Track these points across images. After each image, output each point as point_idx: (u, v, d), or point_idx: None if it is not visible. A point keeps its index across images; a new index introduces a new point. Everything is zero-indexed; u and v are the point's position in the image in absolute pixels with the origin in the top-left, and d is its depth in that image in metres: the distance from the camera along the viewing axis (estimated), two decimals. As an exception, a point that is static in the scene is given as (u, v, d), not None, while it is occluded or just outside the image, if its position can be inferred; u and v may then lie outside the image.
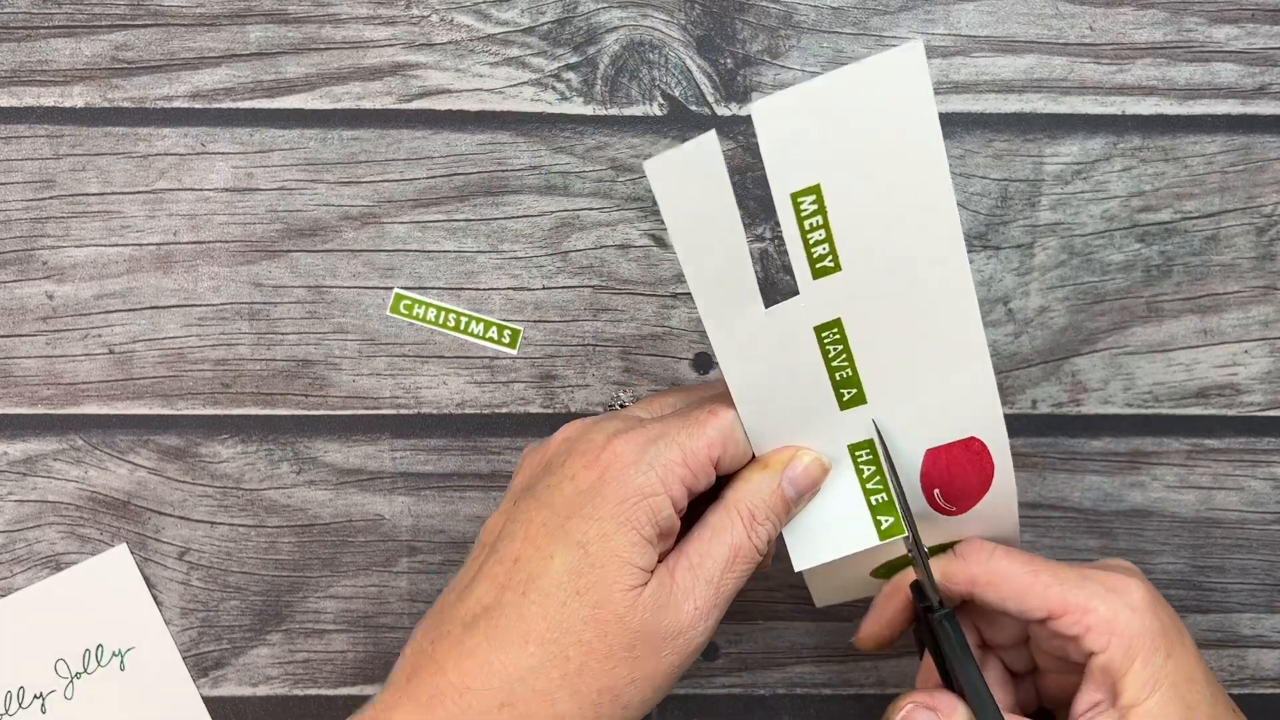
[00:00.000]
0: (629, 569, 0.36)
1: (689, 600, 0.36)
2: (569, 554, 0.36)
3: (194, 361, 0.49)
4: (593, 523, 0.36)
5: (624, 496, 0.36)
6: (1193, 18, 0.49)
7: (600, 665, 0.35)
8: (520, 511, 0.38)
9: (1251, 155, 0.49)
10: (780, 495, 0.39)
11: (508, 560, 0.37)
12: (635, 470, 0.36)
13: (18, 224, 0.49)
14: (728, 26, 0.49)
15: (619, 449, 0.37)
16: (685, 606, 0.36)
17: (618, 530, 0.36)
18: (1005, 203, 0.49)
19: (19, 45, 0.49)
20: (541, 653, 0.35)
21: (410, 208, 0.49)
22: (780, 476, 0.39)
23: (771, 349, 0.38)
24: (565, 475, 0.37)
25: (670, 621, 0.36)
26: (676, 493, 0.37)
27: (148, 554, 0.49)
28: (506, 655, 0.35)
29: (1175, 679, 0.37)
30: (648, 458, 0.36)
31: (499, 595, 0.36)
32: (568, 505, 0.36)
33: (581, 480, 0.37)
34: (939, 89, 0.49)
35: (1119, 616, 0.38)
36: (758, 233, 0.49)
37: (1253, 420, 0.49)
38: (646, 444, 0.37)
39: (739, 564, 0.37)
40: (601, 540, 0.36)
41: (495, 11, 0.49)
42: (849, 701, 0.49)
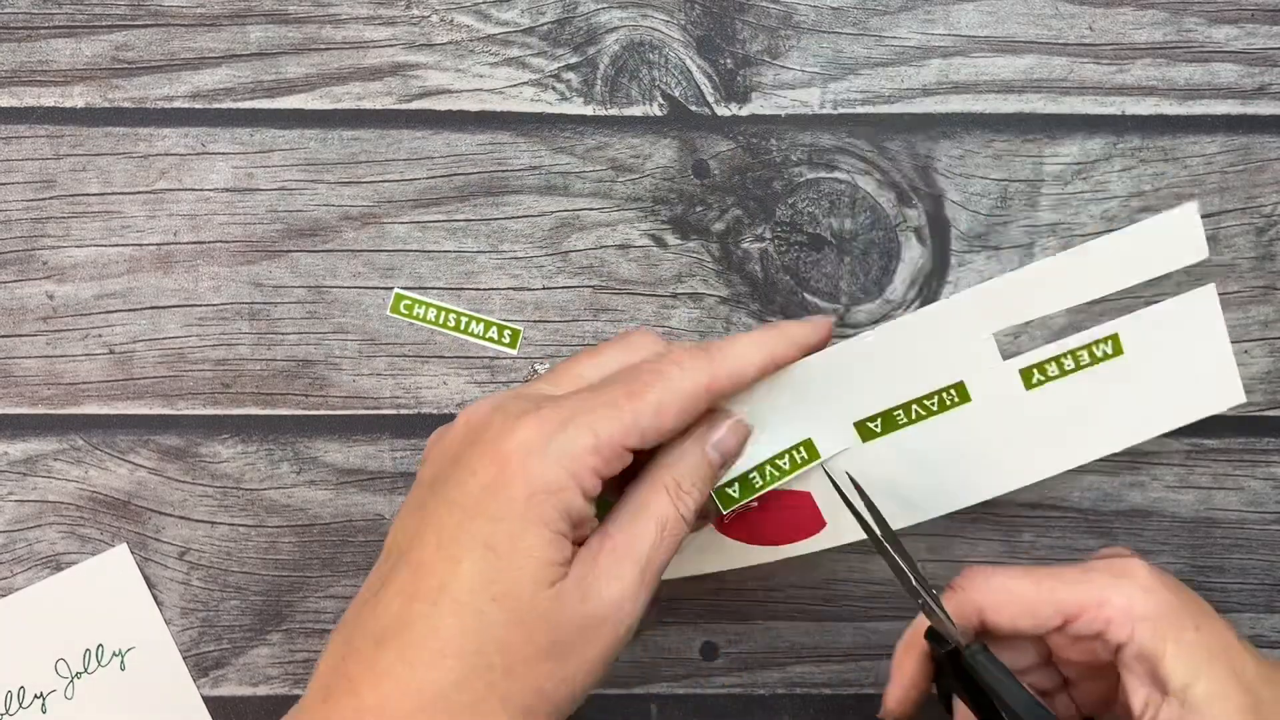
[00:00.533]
0: (544, 567, 0.33)
1: (614, 584, 0.34)
2: (478, 559, 0.33)
3: (194, 361, 0.49)
4: (500, 523, 0.33)
5: (530, 492, 0.33)
6: (1192, 18, 0.49)
7: (527, 669, 0.33)
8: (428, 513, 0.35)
9: (1251, 155, 0.49)
10: (706, 461, 0.37)
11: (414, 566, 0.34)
12: (541, 462, 0.34)
13: (18, 224, 0.49)
14: (728, 27, 0.49)
15: (522, 438, 0.34)
16: (610, 591, 0.34)
17: (526, 529, 0.33)
18: (1005, 203, 0.49)
19: (19, 45, 0.49)
20: (461, 665, 0.33)
21: (410, 208, 0.49)
22: (705, 442, 0.37)
23: None
24: (469, 470, 0.34)
25: (595, 609, 0.34)
26: (588, 483, 0.34)
27: (148, 554, 0.49)
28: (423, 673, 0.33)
29: (1214, 649, 0.36)
30: (554, 447, 0.34)
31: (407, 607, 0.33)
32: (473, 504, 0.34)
33: (484, 475, 0.34)
34: (939, 89, 0.49)
35: (1135, 600, 0.36)
36: (758, 232, 0.49)
37: (1252, 420, 0.49)
38: (554, 430, 0.34)
39: (667, 538, 0.35)
40: (510, 541, 0.33)
41: (495, 12, 0.49)
42: (849, 701, 0.49)
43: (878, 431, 0.40)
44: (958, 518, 0.47)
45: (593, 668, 0.34)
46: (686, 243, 0.49)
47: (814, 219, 0.49)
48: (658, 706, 0.49)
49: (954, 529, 0.49)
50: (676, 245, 0.49)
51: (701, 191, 0.49)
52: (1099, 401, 0.39)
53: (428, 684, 0.33)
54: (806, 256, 0.49)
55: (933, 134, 0.49)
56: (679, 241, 0.49)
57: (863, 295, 0.49)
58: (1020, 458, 0.39)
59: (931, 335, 0.38)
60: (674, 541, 0.36)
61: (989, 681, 0.37)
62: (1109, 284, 0.37)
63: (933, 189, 0.49)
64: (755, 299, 0.49)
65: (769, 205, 0.49)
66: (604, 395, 0.35)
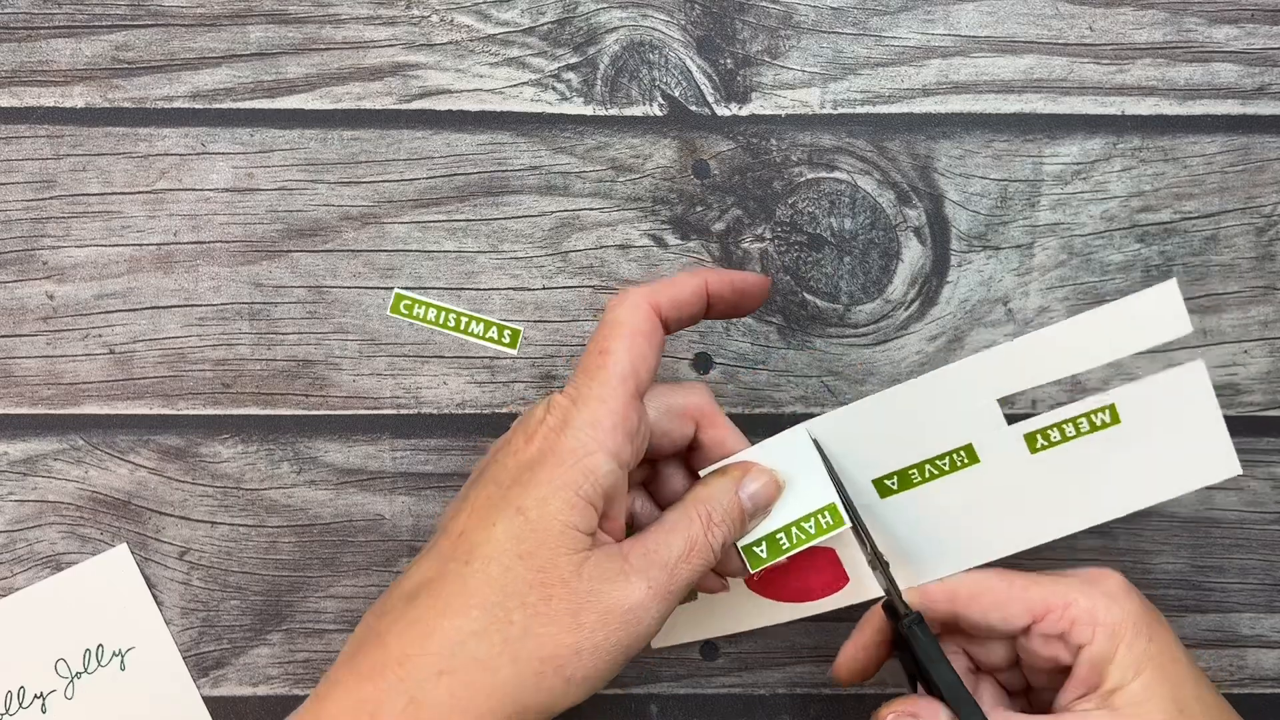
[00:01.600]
0: (569, 532, 0.36)
1: (642, 579, 0.36)
2: (509, 520, 0.36)
3: (194, 361, 0.49)
4: (531, 488, 0.36)
5: (560, 460, 0.36)
6: (1192, 18, 0.49)
7: (544, 630, 0.35)
8: (469, 492, 0.38)
9: (1251, 155, 0.49)
10: (738, 504, 0.40)
11: (453, 535, 0.37)
12: (568, 433, 0.37)
13: (18, 224, 0.49)
14: (728, 27, 0.49)
15: (554, 418, 0.37)
16: (637, 583, 0.36)
17: (555, 493, 0.36)
18: (1005, 203, 0.49)
19: (19, 45, 0.49)
20: (484, 616, 0.35)
21: (410, 208, 0.49)
22: (741, 487, 0.40)
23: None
24: (509, 452, 0.38)
25: (620, 596, 0.36)
26: (614, 444, 0.37)
27: (148, 554, 0.49)
28: (448, 620, 0.35)
29: (1160, 660, 0.38)
30: (577, 419, 0.37)
31: (442, 567, 0.36)
32: (510, 478, 0.37)
33: (522, 454, 0.37)
34: (939, 89, 0.49)
35: (1098, 605, 0.39)
36: (758, 232, 0.49)
37: (1252, 420, 0.50)
38: (575, 407, 0.37)
39: (694, 557, 0.38)
40: (540, 504, 0.36)
41: (495, 12, 0.49)
42: (849, 701, 0.49)
43: (894, 489, 0.42)
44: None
45: (606, 654, 0.36)
46: (687, 243, 0.49)
47: (814, 219, 0.49)
48: (658, 706, 0.49)
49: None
50: (677, 245, 0.49)
51: (701, 191, 0.49)
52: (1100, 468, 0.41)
53: (449, 631, 0.35)
54: (806, 256, 0.49)
55: (933, 134, 0.49)
56: (679, 241, 0.49)
57: (863, 295, 0.49)
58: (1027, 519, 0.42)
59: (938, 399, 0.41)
60: (701, 563, 0.38)
61: (919, 653, 0.39)
62: (1097, 357, 0.39)
63: (933, 189, 0.49)
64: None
65: (769, 205, 0.49)
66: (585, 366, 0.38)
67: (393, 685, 0.34)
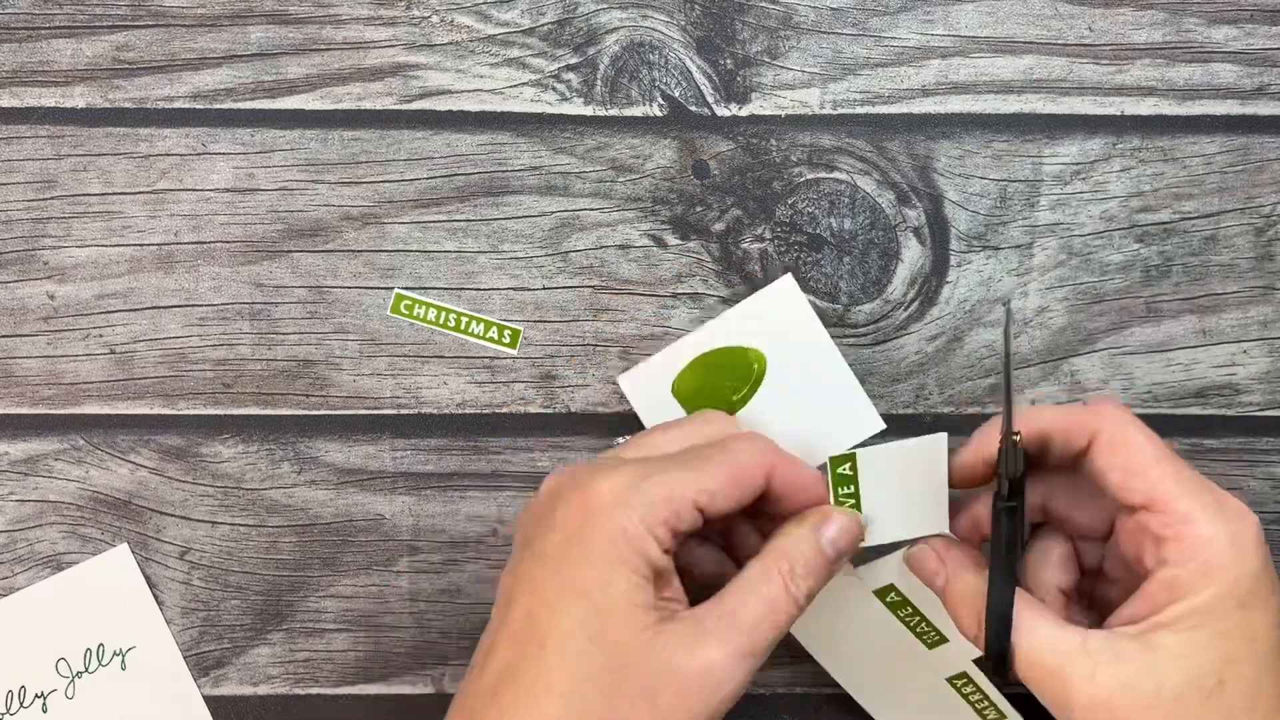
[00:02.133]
0: (635, 610, 0.35)
1: (718, 644, 0.36)
2: (574, 605, 0.36)
3: (195, 361, 0.50)
4: (589, 570, 0.36)
5: (611, 539, 0.36)
6: (1192, 18, 0.50)
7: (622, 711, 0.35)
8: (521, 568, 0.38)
9: (1250, 156, 0.49)
10: (820, 553, 0.39)
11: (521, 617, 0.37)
12: (619, 512, 0.36)
13: (19, 224, 0.49)
14: (727, 27, 0.49)
15: (602, 490, 0.37)
16: (712, 650, 0.36)
17: (613, 574, 0.36)
18: (1004, 203, 0.49)
19: (20, 46, 0.49)
20: (562, 704, 0.35)
21: (411, 208, 0.49)
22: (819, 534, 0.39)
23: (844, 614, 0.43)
24: (554, 525, 0.37)
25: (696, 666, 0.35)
26: (662, 534, 0.36)
27: (149, 554, 0.49)
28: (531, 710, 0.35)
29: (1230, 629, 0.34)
30: (630, 498, 0.36)
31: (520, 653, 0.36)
32: (559, 555, 0.37)
33: (570, 528, 0.37)
34: (938, 89, 0.49)
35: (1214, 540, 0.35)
36: (758, 233, 0.49)
37: (1252, 420, 0.50)
38: (630, 485, 0.37)
39: (775, 616, 0.37)
40: (601, 587, 0.36)
41: (495, 12, 0.49)
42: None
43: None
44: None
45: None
46: (686, 243, 0.49)
47: (814, 219, 0.49)
48: (658, 706, 0.49)
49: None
50: (676, 245, 0.49)
51: (701, 192, 0.49)
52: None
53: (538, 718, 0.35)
54: (806, 256, 0.49)
55: (932, 134, 0.49)
56: (679, 242, 0.49)
57: (862, 295, 0.49)
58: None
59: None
60: (784, 620, 0.37)
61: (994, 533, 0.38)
62: None
63: (932, 189, 0.49)
64: (755, 299, 0.49)
65: (769, 205, 0.49)
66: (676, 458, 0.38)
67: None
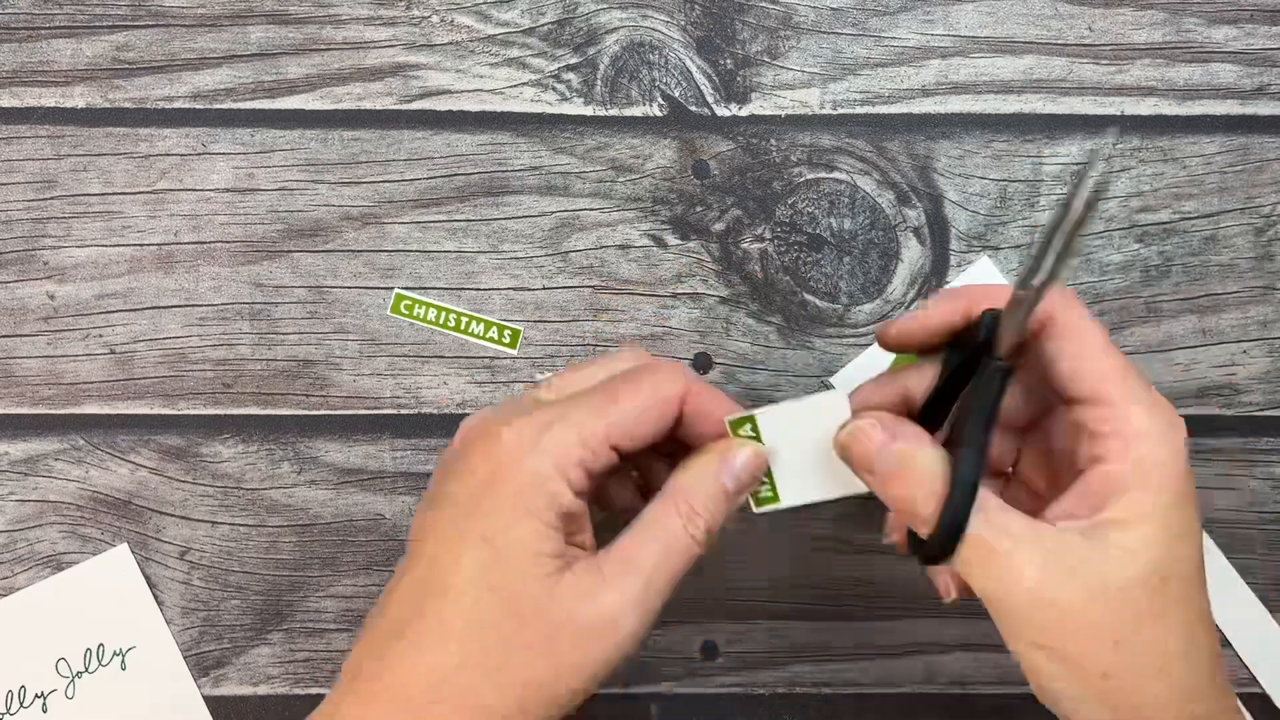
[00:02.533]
0: (536, 558, 0.35)
1: (615, 592, 0.35)
2: (476, 551, 0.35)
3: (195, 361, 0.50)
4: (494, 516, 0.35)
5: (521, 485, 0.35)
6: (1191, 18, 0.50)
7: (522, 658, 0.35)
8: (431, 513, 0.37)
9: (1250, 156, 0.49)
10: (721, 487, 0.37)
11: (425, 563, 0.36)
12: (530, 457, 0.35)
13: (19, 224, 0.49)
14: (727, 27, 0.49)
15: (513, 437, 0.36)
16: (610, 599, 0.35)
17: (519, 521, 0.35)
18: (1004, 203, 0.49)
19: (20, 46, 0.49)
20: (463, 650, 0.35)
21: (411, 208, 0.50)
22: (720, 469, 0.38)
23: None
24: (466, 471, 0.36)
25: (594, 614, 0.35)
26: (574, 475, 0.36)
27: (149, 553, 0.49)
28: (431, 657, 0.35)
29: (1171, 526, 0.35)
30: (542, 443, 0.35)
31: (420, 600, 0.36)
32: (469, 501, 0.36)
33: (480, 474, 0.36)
34: (938, 89, 0.49)
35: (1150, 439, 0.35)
36: (757, 233, 0.49)
37: (1251, 420, 0.50)
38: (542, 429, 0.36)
39: (673, 558, 0.36)
40: (504, 533, 0.35)
41: (495, 12, 0.49)
42: (849, 701, 0.49)
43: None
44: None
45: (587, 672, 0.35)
46: (686, 243, 0.49)
47: (814, 219, 0.49)
48: (658, 706, 0.49)
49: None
50: (676, 245, 0.50)
51: (701, 192, 0.49)
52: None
53: (435, 667, 0.35)
54: (806, 256, 0.49)
55: (932, 134, 0.49)
56: (679, 241, 0.50)
57: (862, 295, 0.49)
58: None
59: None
60: (682, 561, 0.36)
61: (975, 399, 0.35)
62: None
63: (932, 189, 0.49)
64: (755, 299, 0.49)
65: (769, 205, 0.49)
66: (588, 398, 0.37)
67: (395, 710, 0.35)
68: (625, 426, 0.36)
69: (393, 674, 0.35)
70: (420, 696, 0.35)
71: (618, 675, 0.48)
